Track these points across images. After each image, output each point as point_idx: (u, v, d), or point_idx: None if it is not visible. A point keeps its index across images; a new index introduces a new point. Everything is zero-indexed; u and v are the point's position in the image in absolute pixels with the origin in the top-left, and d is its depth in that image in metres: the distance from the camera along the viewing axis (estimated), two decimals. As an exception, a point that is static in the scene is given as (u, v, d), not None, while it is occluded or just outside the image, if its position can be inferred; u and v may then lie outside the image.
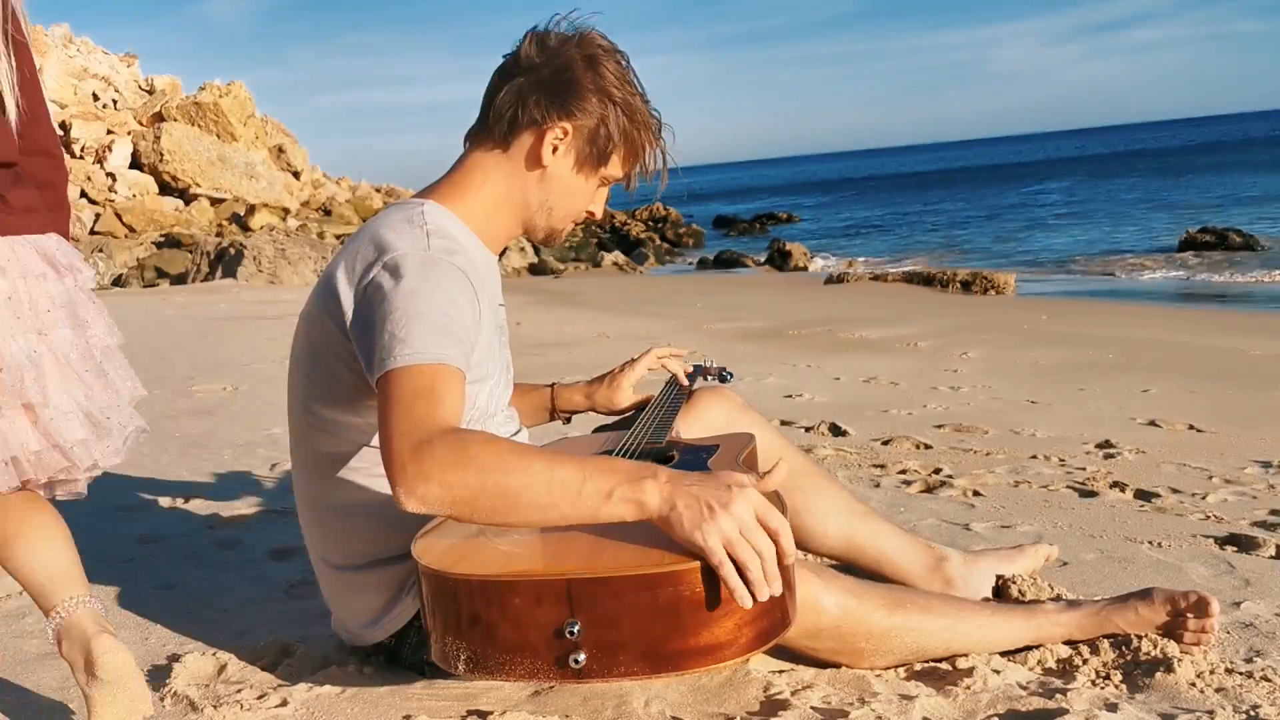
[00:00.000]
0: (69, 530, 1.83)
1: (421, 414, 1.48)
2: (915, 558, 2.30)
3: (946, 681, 1.86)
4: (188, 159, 21.98)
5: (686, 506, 1.37)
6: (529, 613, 1.39)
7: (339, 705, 1.80)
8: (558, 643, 1.39)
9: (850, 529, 2.29)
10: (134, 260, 17.89)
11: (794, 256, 19.08)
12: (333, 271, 1.79)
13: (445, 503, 1.42)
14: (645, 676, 1.42)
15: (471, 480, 1.40)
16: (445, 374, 1.57)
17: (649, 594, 1.38)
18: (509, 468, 1.41)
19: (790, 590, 1.51)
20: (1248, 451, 4.04)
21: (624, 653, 1.39)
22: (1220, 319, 9.69)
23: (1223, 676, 1.85)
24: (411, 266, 1.67)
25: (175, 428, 4.63)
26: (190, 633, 2.18)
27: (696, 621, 1.39)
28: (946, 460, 3.89)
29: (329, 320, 1.76)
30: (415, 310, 1.62)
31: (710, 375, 2.67)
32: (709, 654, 1.41)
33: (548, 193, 1.87)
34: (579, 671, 1.39)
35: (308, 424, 1.87)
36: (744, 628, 1.42)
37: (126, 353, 1.91)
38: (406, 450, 1.43)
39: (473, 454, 1.41)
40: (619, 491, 1.40)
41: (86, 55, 27.41)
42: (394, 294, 1.65)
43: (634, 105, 1.84)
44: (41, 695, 1.91)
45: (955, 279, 13.24)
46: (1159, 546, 2.77)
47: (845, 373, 6.45)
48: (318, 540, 1.94)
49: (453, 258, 1.73)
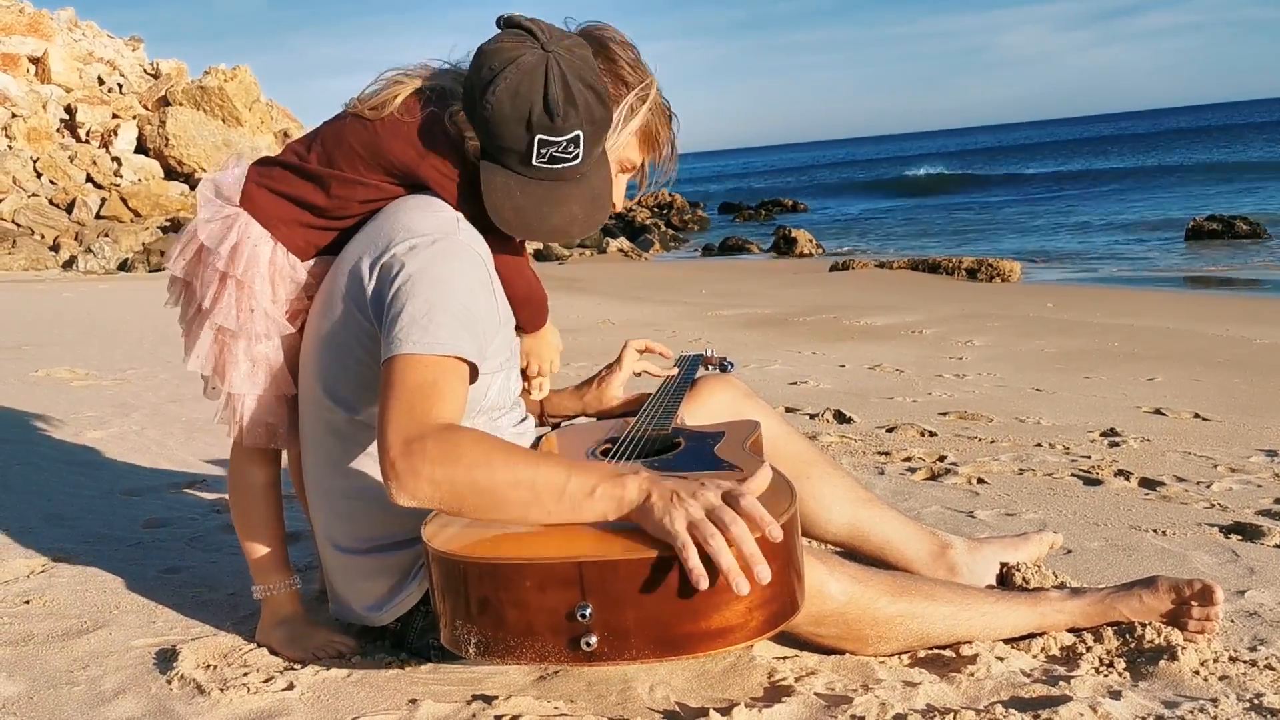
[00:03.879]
0: None
1: (419, 410, 1.53)
2: (920, 545, 2.30)
3: (950, 668, 1.86)
4: (193, 143, 21.94)
5: (659, 497, 1.42)
6: (540, 596, 1.40)
7: (345, 689, 1.81)
8: (569, 625, 1.40)
9: (855, 516, 2.30)
10: (139, 245, 17.88)
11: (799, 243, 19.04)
12: (355, 253, 1.80)
13: (433, 499, 1.48)
14: (655, 659, 1.44)
15: (459, 477, 1.46)
16: (453, 369, 1.61)
17: (660, 577, 1.39)
18: (495, 466, 1.47)
19: (798, 576, 1.51)
20: (1253, 440, 4.03)
21: (635, 636, 1.40)
22: (1227, 307, 9.66)
23: (1226, 665, 1.86)
24: (436, 252, 1.70)
25: (181, 412, 4.64)
26: (197, 617, 2.19)
27: (707, 605, 1.40)
28: (951, 448, 3.89)
29: (349, 301, 1.78)
30: (436, 297, 1.65)
31: (711, 365, 2.67)
32: (718, 637, 1.42)
33: None
34: (590, 654, 1.40)
35: (319, 406, 1.88)
36: (753, 612, 1.43)
37: (133, 337, 1.92)
38: (398, 446, 1.49)
39: (461, 452, 1.47)
40: (600, 489, 1.45)
41: (92, 39, 27.35)
42: (417, 278, 1.67)
43: (649, 93, 1.84)
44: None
45: (960, 266, 13.20)
46: (1163, 535, 2.77)
47: (850, 360, 6.45)
48: (326, 522, 1.95)
49: (477, 244, 1.75)
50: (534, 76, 1.66)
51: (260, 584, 2.04)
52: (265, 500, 2.05)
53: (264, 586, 2.04)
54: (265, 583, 2.04)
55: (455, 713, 1.71)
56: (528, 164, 1.72)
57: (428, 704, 1.73)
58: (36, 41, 23.78)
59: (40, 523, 2.80)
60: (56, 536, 2.69)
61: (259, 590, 2.04)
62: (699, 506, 1.40)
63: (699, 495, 1.41)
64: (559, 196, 1.76)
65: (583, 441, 2.06)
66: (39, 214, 19.17)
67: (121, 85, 25.42)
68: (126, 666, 1.92)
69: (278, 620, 2.02)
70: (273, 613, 2.03)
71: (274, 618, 2.02)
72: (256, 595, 2.05)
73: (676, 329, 8.16)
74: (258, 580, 2.05)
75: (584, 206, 1.78)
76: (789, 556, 1.49)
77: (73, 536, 2.70)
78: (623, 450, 1.91)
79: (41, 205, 19.51)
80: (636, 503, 1.44)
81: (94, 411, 4.54)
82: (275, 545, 2.05)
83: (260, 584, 2.04)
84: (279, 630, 2.01)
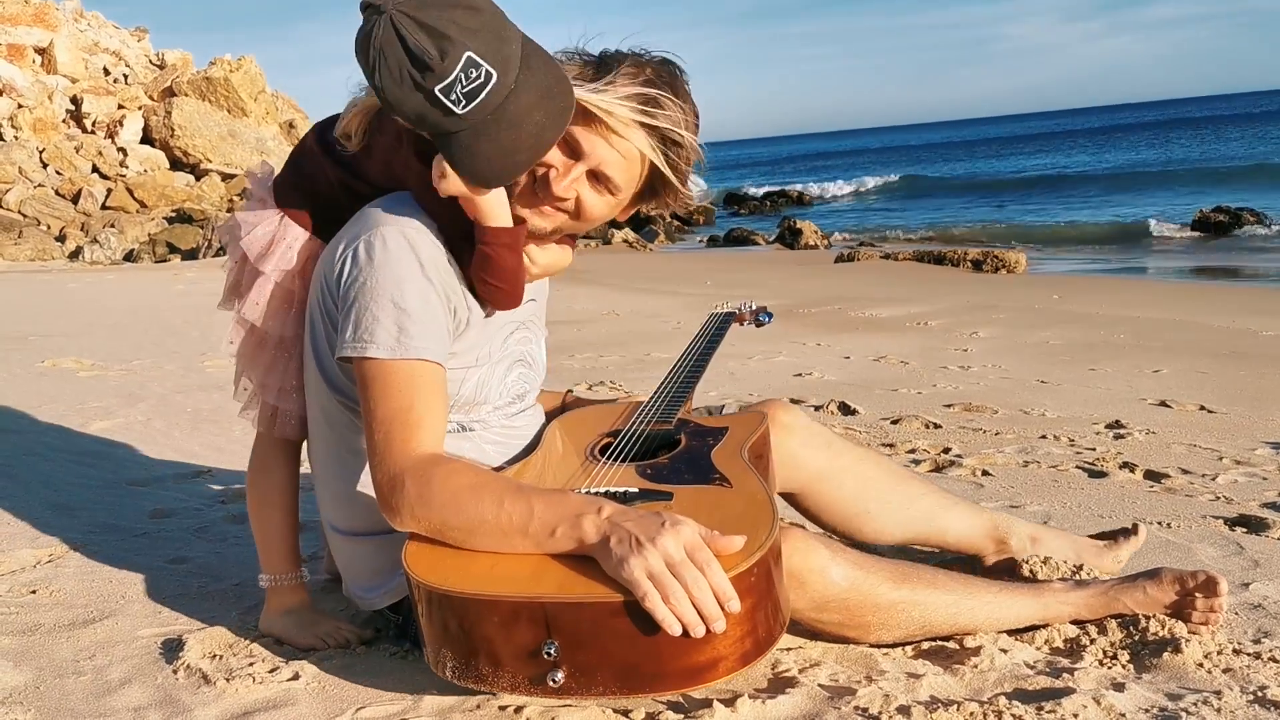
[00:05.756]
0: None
1: (397, 443, 1.63)
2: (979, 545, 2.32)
3: (954, 660, 1.86)
4: (199, 134, 21.94)
5: (618, 542, 1.45)
6: (507, 631, 1.43)
7: (349, 679, 1.82)
8: (535, 661, 1.42)
9: (914, 537, 2.33)
10: (145, 236, 17.89)
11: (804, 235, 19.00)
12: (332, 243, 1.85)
13: (420, 530, 1.60)
14: (625, 696, 1.45)
15: (434, 518, 1.57)
16: (423, 385, 1.68)
17: (623, 620, 1.40)
18: (464, 508, 1.56)
19: (776, 607, 1.52)
20: (1258, 433, 4.03)
21: (601, 673, 1.42)
22: (1232, 299, 9.63)
23: (1230, 657, 1.86)
24: (393, 244, 1.72)
25: (187, 402, 4.65)
26: (202, 607, 2.20)
27: (673, 647, 1.41)
28: (956, 440, 3.89)
29: (324, 290, 1.82)
30: (388, 295, 1.69)
31: (746, 321, 2.62)
32: (690, 677, 1.44)
33: None
34: (558, 689, 1.42)
35: (318, 391, 1.91)
36: (723, 653, 1.43)
37: (138, 328, 1.95)
38: (383, 484, 1.63)
39: (431, 493, 1.57)
40: (561, 530, 1.51)
41: (98, 30, 27.33)
42: (371, 273, 1.71)
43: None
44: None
45: (966, 258, 13.17)
46: (1168, 527, 2.77)
47: (855, 351, 6.44)
48: (326, 505, 1.99)
49: (423, 239, 1.75)
50: (389, 42, 1.53)
51: (268, 573, 2.05)
52: (282, 493, 2.07)
53: (271, 576, 2.05)
54: (273, 572, 2.05)
55: (459, 704, 1.71)
56: (456, 117, 1.57)
57: (432, 695, 1.74)
58: (42, 32, 23.77)
59: (47, 513, 2.81)
60: (63, 527, 2.70)
61: (265, 579, 2.05)
62: (658, 557, 1.42)
63: (658, 542, 1.43)
64: (512, 118, 1.60)
65: (587, 433, 2.05)
66: (45, 204, 19.19)
67: (127, 76, 25.42)
68: (132, 656, 1.93)
69: (284, 610, 2.03)
70: (278, 602, 2.04)
71: (280, 607, 2.04)
72: (262, 583, 2.06)
73: (681, 320, 8.16)
74: (265, 569, 2.06)
75: (544, 110, 1.62)
76: (765, 590, 1.49)
77: (79, 527, 2.71)
78: (621, 448, 1.91)
79: (47, 196, 19.54)
80: (597, 547, 1.48)
81: (100, 402, 4.56)
82: (287, 537, 2.06)
83: (268, 573, 2.05)
84: (285, 619, 2.02)
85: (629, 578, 1.41)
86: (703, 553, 1.43)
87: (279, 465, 2.08)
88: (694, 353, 2.34)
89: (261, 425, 2.06)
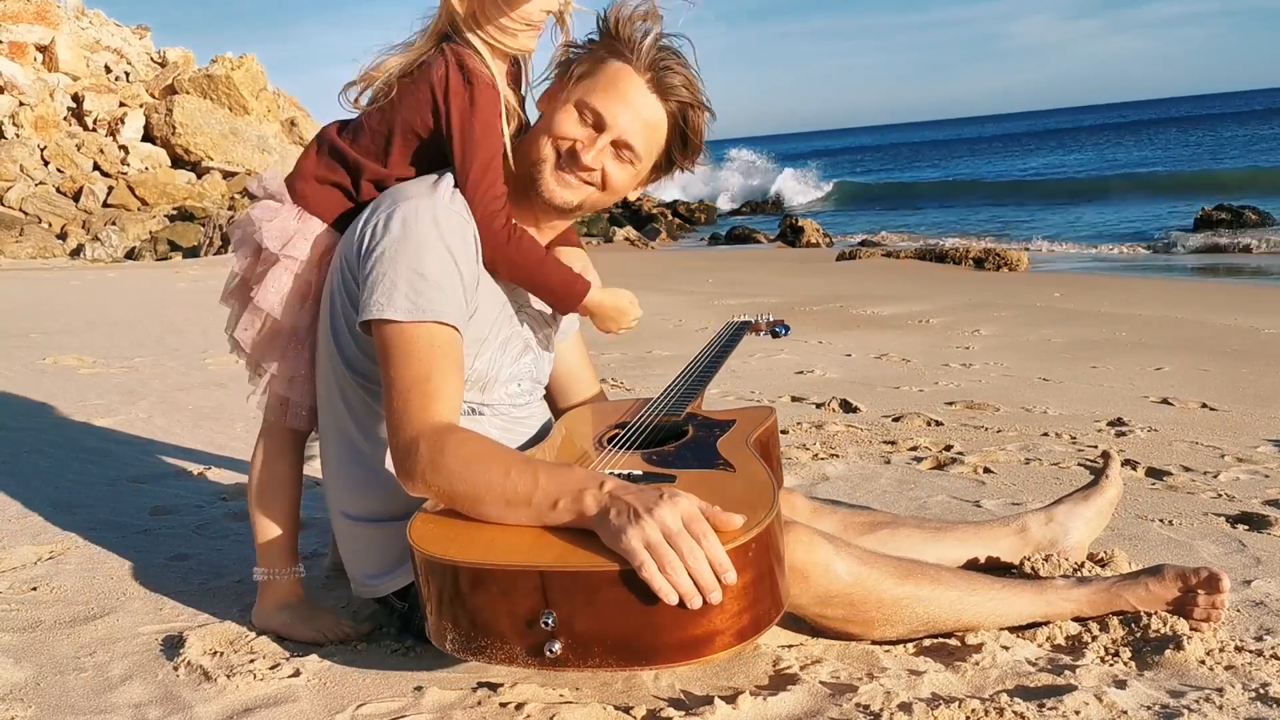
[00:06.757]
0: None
1: (415, 410, 1.67)
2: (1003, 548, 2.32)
3: (955, 657, 1.86)
4: (200, 132, 21.94)
5: (617, 513, 1.46)
6: (505, 601, 1.43)
7: (351, 675, 1.82)
8: (532, 632, 1.41)
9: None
10: (146, 233, 17.90)
11: (806, 232, 18.98)
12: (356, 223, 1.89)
13: (431, 496, 1.63)
14: (621, 669, 1.45)
15: (443, 484, 1.60)
16: (441, 352, 1.72)
17: (620, 590, 1.40)
18: (472, 475, 1.58)
19: (775, 582, 1.51)
20: (1260, 430, 4.02)
21: (598, 645, 1.41)
22: (1234, 297, 9.62)
23: (1232, 654, 1.85)
24: (414, 218, 1.78)
25: (188, 400, 4.65)
26: (203, 603, 2.20)
27: (669, 618, 1.40)
28: (957, 437, 3.88)
29: (344, 269, 1.85)
30: (408, 262, 1.74)
31: (761, 332, 2.62)
32: (686, 650, 1.43)
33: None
34: (554, 660, 1.41)
35: (335, 372, 1.94)
36: (720, 626, 1.42)
37: (139, 326, 1.97)
38: (399, 448, 1.66)
39: (444, 461, 1.60)
40: (562, 502, 1.52)
41: (99, 27, 27.33)
42: (392, 242, 1.76)
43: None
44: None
45: (968, 255, 13.16)
46: (1170, 525, 2.76)
47: (856, 349, 6.44)
48: (336, 490, 2.00)
49: (458, 209, 1.82)
50: None
51: (264, 567, 2.05)
52: (285, 487, 2.08)
53: (266, 570, 2.05)
54: (269, 566, 2.05)
55: (460, 700, 1.71)
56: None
57: (433, 691, 1.74)
58: (44, 29, 23.77)
59: (48, 510, 2.81)
60: (64, 523, 2.70)
61: (260, 573, 2.05)
62: (655, 527, 1.42)
63: (655, 513, 1.43)
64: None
65: (597, 423, 2.07)
66: (46, 202, 19.20)
67: (128, 73, 25.42)
68: (133, 653, 1.93)
69: (280, 605, 2.03)
70: (273, 597, 2.04)
71: (275, 602, 2.04)
72: (257, 577, 2.06)
73: (683, 318, 8.15)
74: (262, 564, 2.06)
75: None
76: (763, 568, 1.48)
77: (80, 524, 2.71)
78: (629, 437, 1.92)
79: (49, 193, 19.55)
80: (596, 519, 1.48)
81: (101, 399, 4.56)
82: (287, 531, 2.07)
83: (264, 567, 2.05)
84: (282, 614, 2.02)
85: (626, 547, 1.41)
86: (700, 524, 1.44)
87: (283, 458, 2.08)
88: (705, 357, 2.35)
89: (271, 415, 2.08)
